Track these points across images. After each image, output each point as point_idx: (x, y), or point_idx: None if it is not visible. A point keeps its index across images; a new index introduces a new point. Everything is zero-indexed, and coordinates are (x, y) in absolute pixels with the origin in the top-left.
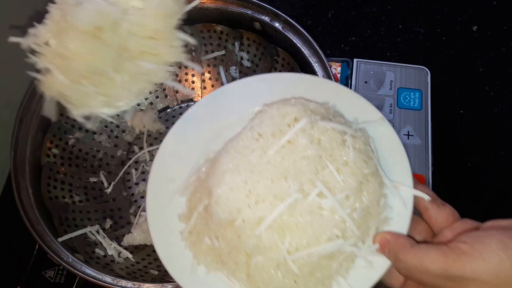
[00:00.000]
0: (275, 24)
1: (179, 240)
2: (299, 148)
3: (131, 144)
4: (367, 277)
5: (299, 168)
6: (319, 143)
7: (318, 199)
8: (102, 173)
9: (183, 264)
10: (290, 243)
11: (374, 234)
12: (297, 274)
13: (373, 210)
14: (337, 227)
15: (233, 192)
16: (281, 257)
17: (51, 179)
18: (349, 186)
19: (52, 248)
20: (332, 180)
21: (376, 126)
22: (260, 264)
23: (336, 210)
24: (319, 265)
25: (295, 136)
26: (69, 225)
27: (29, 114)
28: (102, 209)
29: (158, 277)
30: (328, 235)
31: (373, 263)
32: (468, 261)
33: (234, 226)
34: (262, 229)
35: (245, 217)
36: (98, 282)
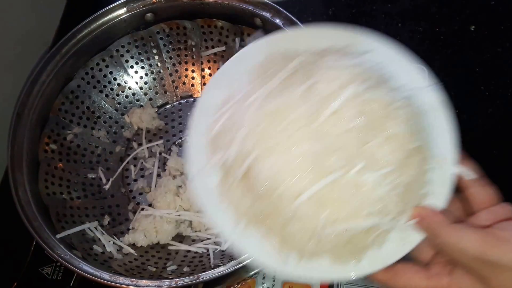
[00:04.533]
0: (276, 21)
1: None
2: (344, 119)
3: (130, 140)
4: (398, 250)
5: (344, 141)
6: (365, 114)
7: (360, 174)
8: (101, 169)
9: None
10: (328, 216)
11: (412, 208)
12: (331, 244)
13: (414, 185)
14: (377, 203)
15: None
16: (317, 228)
17: (48, 174)
18: (393, 160)
19: (50, 244)
20: (376, 154)
21: (423, 94)
22: (296, 230)
23: (377, 186)
24: (353, 238)
25: (341, 106)
26: (67, 222)
27: (26, 109)
28: (100, 206)
29: (156, 273)
30: (368, 211)
31: (407, 237)
32: (508, 249)
33: (273, 194)
34: (302, 201)
35: (286, 188)
36: (96, 278)
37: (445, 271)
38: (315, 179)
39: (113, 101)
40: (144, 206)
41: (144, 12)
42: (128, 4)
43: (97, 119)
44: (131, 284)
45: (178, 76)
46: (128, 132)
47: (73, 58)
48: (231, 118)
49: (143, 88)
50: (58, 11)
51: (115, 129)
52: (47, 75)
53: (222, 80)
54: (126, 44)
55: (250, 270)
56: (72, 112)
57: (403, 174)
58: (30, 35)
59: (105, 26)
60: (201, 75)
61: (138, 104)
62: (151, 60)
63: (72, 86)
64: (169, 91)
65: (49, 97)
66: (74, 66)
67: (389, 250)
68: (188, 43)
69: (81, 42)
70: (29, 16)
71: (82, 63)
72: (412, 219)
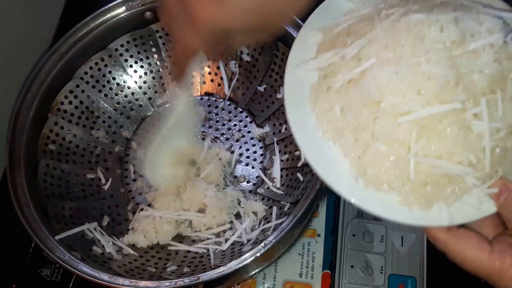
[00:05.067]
0: None
1: (306, 102)
2: (480, 60)
3: (129, 140)
4: (468, 213)
5: (471, 80)
6: (500, 65)
7: (472, 118)
8: (100, 169)
9: (306, 123)
10: (423, 146)
11: (497, 179)
12: (410, 178)
13: (510, 156)
14: (475, 154)
15: (397, 75)
16: (406, 154)
17: (47, 175)
18: (506, 121)
19: (49, 246)
20: (492, 107)
21: None
22: (380, 151)
23: (483, 137)
24: (435, 181)
25: (483, 46)
26: (66, 223)
27: (25, 109)
28: (99, 206)
29: (156, 274)
30: (463, 158)
31: (482, 204)
32: None
33: (377, 106)
34: (405, 121)
35: (395, 103)
36: (95, 280)
37: (511, 251)
38: (430, 104)
39: (112, 101)
40: (144, 206)
41: (143, 10)
42: (127, 3)
43: (96, 119)
44: (131, 285)
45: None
46: (127, 132)
47: (72, 58)
48: (358, 24)
49: (142, 88)
50: (57, 10)
51: (114, 128)
52: (46, 75)
53: None
54: (125, 43)
55: (250, 270)
56: (71, 112)
57: (508, 140)
58: (29, 35)
59: (104, 25)
60: (200, 73)
61: (137, 103)
62: (150, 59)
63: (71, 86)
64: (168, 90)
65: (47, 97)
66: (73, 66)
67: (461, 209)
68: None
69: (80, 41)
70: (28, 16)
71: (81, 63)
72: (496, 188)
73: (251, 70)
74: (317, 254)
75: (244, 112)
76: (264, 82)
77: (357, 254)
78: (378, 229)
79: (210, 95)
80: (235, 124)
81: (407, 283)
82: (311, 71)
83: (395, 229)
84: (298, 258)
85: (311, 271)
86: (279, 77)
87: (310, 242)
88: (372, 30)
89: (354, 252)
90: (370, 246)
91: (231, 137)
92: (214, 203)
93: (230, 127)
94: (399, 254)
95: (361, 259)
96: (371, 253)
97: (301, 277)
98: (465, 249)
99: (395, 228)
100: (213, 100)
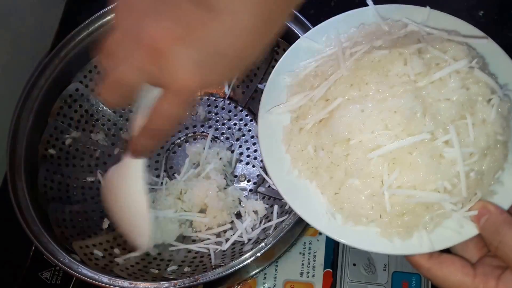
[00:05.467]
0: None
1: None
2: (447, 88)
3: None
4: (449, 238)
5: (439, 109)
6: (467, 90)
7: (445, 146)
8: (100, 172)
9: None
10: (396, 178)
11: (476, 201)
12: (387, 210)
13: (486, 178)
14: (449, 180)
15: (363, 112)
16: (380, 188)
17: (47, 179)
18: (478, 145)
19: (49, 249)
20: (463, 133)
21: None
22: (355, 187)
23: (456, 163)
24: (412, 211)
25: (450, 74)
26: (66, 226)
27: (25, 114)
28: (99, 209)
29: (159, 276)
30: (437, 185)
31: (463, 227)
32: None
33: (347, 144)
34: (375, 155)
35: (364, 139)
36: (95, 282)
37: (494, 274)
38: (398, 136)
39: None
40: None
41: None
42: None
43: (95, 122)
44: (130, 286)
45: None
46: (126, 134)
47: (72, 62)
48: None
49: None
50: (56, 15)
51: (113, 131)
52: (46, 79)
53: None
54: None
55: (250, 270)
56: (71, 116)
57: (482, 161)
58: (29, 39)
59: (103, 28)
60: None
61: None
62: None
63: (70, 90)
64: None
65: (47, 102)
66: (72, 70)
67: (442, 235)
68: None
69: (79, 45)
70: (28, 20)
71: (80, 66)
72: (475, 210)
73: (251, 68)
74: (318, 252)
75: (244, 110)
76: (264, 79)
77: (360, 252)
78: None
79: (209, 94)
80: (235, 123)
81: (411, 281)
82: (283, 113)
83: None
84: (299, 257)
85: (312, 270)
86: None
87: (312, 241)
88: (337, 70)
89: (356, 250)
90: None
91: (231, 136)
92: (215, 203)
93: (230, 126)
94: None
95: (364, 257)
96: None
97: (302, 277)
98: (449, 274)
99: None
100: (212, 99)
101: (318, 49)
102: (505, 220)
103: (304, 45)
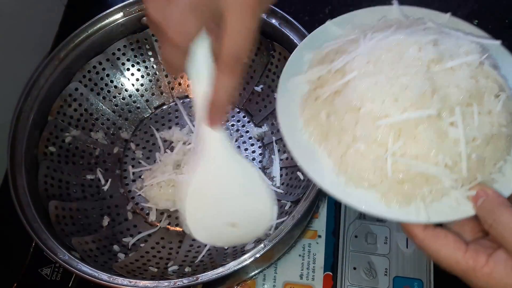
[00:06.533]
0: (271, 21)
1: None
2: (456, 77)
3: (127, 141)
4: (446, 214)
5: (448, 93)
6: (476, 82)
7: (450, 125)
8: (99, 170)
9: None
10: (400, 147)
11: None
12: (388, 176)
13: (487, 165)
14: (451, 157)
15: (376, 85)
16: (384, 154)
17: (48, 177)
18: (482, 131)
19: (49, 245)
20: (469, 118)
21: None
22: (360, 151)
23: (459, 143)
24: (412, 180)
25: (460, 65)
26: (66, 223)
27: (25, 112)
28: (99, 206)
29: (158, 274)
30: (439, 159)
31: (460, 206)
32: None
33: (357, 112)
34: (383, 123)
35: (374, 108)
36: (94, 279)
37: (485, 251)
38: (407, 109)
39: (110, 103)
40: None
41: (140, 16)
42: (124, 8)
43: (95, 121)
44: (130, 284)
45: (173, 77)
46: (126, 133)
47: (71, 62)
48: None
49: (140, 90)
50: (56, 16)
51: (113, 130)
52: (46, 79)
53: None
54: (121, 47)
55: (250, 271)
56: (70, 115)
57: (484, 148)
58: (30, 40)
59: (103, 30)
60: None
61: (135, 105)
62: (147, 62)
63: (70, 89)
64: (165, 92)
65: (47, 100)
66: (72, 70)
67: (439, 210)
68: None
69: (79, 47)
70: (29, 22)
71: (79, 67)
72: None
73: (248, 70)
74: (318, 255)
75: (241, 112)
76: (261, 82)
77: (360, 255)
78: (382, 231)
79: None
80: (232, 124)
81: (413, 286)
82: (302, 84)
83: (399, 230)
84: (298, 260)
85: (312, 273)
86: (276, 77)
87: (311, 244)
88: (357, 49)
89: (356, 253)
90: (373, 248)
91: (229, 137)
92: None
93: (227, 127)
94: (404, 256)
95: (364, 260)
96: (374, 255)
97: (301, 279)
98: (441, 247)
99: (399, 230)
100: None
101: (342, 35)
102: (502, 202)
103: (329, 30)
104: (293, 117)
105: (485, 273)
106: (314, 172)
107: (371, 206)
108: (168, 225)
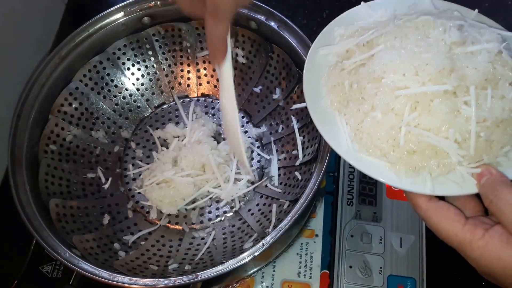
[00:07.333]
0: (270, 24)
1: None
2: (475, 60)
3: (128, 140)
4: (450, 188)
5: (466, 73)
6: (494, 68)
7: (464, 103)
8: (100, 169)
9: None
10: (414, 118)
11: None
12: (400, 145)
13: (494, 147)
14: (461, 134)
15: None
16: (399, 123)
17: (48, 175)
18: (493, 114)
19: (49, 243)
20: (482, 99)
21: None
22: (377, 120)
23: (470, 121)
24: (422, 152)
25: (480, 50)
26: (67, 221)
27: (26, 111)
28: (99, 205)
29: (158, 272)
30: (450, 134)
31: (464, 183)
32: None
33: (379, 82)
34: (402, 94)
35: (395, 80)
36: (95, 277)
37: (483, 226)
38: (424, 83)
39: (110, 102)
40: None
41: (141, 16)
42: (125, 8)
43: (95, 120)
44: (130, 282)
45: (174, 77)
46: (126, 132)
47: (72, 61)
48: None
49: (140, 89)
50: (57, 15)
51: (113, 129)
52: (47, 78)
53: None
54: (122, 46)
55: (248, 269)
56: (71, 114)
57: (493, 130)
58: (31, 39)
59: (103, 29)
60: (196, 75)
61: (135, 105)
62: (147, 62)
63: (70, 88)
64: (165, 92)
65: (48, 99)
66: (72, 69)
67: (443, 184)
68: (183, 45)
69: (79, 46)
70: (30, 21)
71: (80, 66)
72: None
73: (247, 71)
74: (315, 254)
75: (240, 112)
76: (259, 83)
77: (356, 254)
78: (377, 230)
79: (206, 96)
80: None
81: (406, 284)
82: (330, 56)
83: (393, 230)
84: (296, 258)
85: (310, 271)
86: (275, 78)
87: (308, 242)
88: (386, 27)
89: (352, 252)
90: (368, 247)
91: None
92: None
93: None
94: (398, 255)
95: (360, 259)
96: (369, 254)
97: (299, 277)
98: (442, 218)
99: (393, 230)
100: (209, 101)
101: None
102: (505, 181)
103: (362, 11)
104: (317, 85)
105: (480, 246)
106: (332, 139)
107: (380, 173)
108: (168, 223)
